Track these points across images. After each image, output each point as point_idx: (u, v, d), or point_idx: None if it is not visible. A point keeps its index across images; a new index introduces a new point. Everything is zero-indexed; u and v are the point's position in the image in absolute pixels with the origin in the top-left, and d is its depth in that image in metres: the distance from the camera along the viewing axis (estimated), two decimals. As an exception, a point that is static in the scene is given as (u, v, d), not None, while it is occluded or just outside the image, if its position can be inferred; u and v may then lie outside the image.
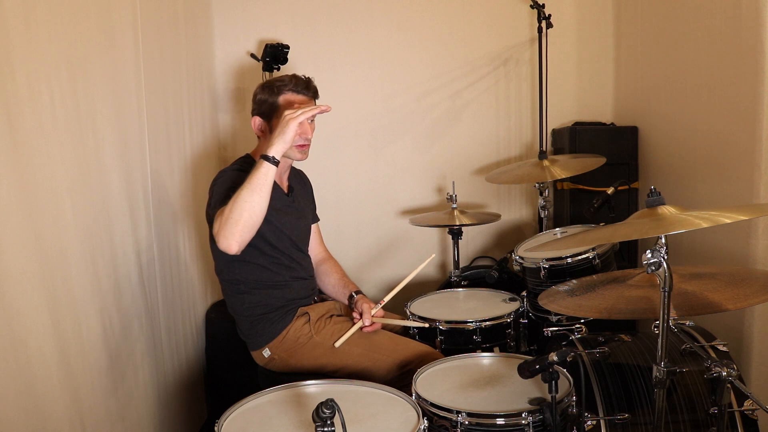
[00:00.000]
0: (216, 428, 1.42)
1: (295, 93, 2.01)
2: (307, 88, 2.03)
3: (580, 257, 2.17)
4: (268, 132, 2.04)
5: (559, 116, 3.28)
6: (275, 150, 1.78)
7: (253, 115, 2.06)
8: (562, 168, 2.62)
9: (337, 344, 1.97)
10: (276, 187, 2.08)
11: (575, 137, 3.04)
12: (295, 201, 2.16)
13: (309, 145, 2.04)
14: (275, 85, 2.02)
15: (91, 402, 1.71)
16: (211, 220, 1.89)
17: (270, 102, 2.01)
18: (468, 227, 2.86)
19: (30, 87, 1.48)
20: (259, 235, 1.82)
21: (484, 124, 3.31)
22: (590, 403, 1.63)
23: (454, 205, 2.82)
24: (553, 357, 1.43)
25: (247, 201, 1.73)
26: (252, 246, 1.85)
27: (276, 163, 1.78)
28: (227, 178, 1.95)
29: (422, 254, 3.22)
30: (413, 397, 1.56)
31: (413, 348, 2.01)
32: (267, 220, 1.81)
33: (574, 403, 1.57)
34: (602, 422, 1.60)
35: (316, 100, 2.08)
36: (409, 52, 3.24)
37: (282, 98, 2.00)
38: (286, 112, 1.81)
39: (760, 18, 2.05)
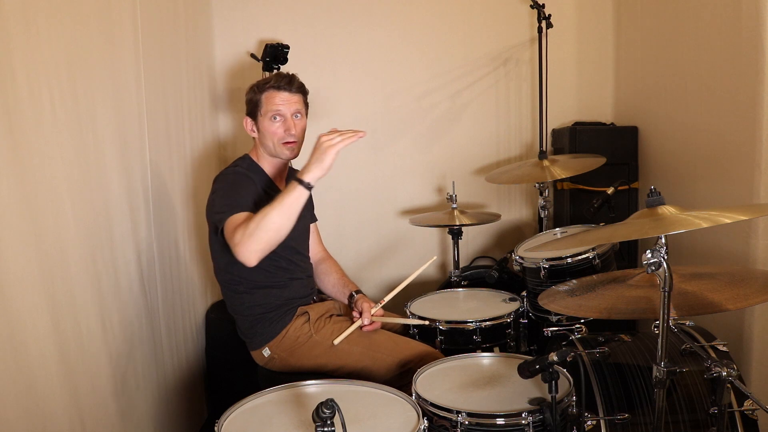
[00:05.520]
0: (216, 428, 1.42)
1: (275, 90, 2.01)
2: (289, 83, 2.02)
3: (580, 257, 2.17)
4: (257, 131, 2.04)
5: (559, 116, 3.28)
6: (311, 176, 1.77)
7: (245, 116, 2.07)
8: (562, 168, 2.62)
9: (336, 341, 1.97)
10: (275, 187, 2.08)
11: (575, 137, 3.04)
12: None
13: (296, 142, 2.03)
14: (260, 84, 2.04)
15: (91, 402, 1.71)
16: (215, 221, 1.89)
17: (255, 101, 2.03)
18: (468, 227, 2.86)
19: (30, 87, 1.48)
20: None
21: (484, 124, 3.31)
22: (590, 403, 1.63)
23: (454, 205, 2.82)
24: (553, 357, 1.43)
25: (276, 222, 1.74)
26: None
27: (310, 188, 1.77)
28: (232, 181, 1.95)
29: (422, 254, 3.26)
30: (413, 397, 1.56)
31: (413, 347, 2.01)
32: None
33: (574, 403, 1.57)
34: (602, 422, 1.60)
35: (306, 95, 2.08)
36: (409, 52, 3.24)
37: (264, 95, 2.01)
38: (323, 138, 1.78)
39: (760, 18, 2.05)
